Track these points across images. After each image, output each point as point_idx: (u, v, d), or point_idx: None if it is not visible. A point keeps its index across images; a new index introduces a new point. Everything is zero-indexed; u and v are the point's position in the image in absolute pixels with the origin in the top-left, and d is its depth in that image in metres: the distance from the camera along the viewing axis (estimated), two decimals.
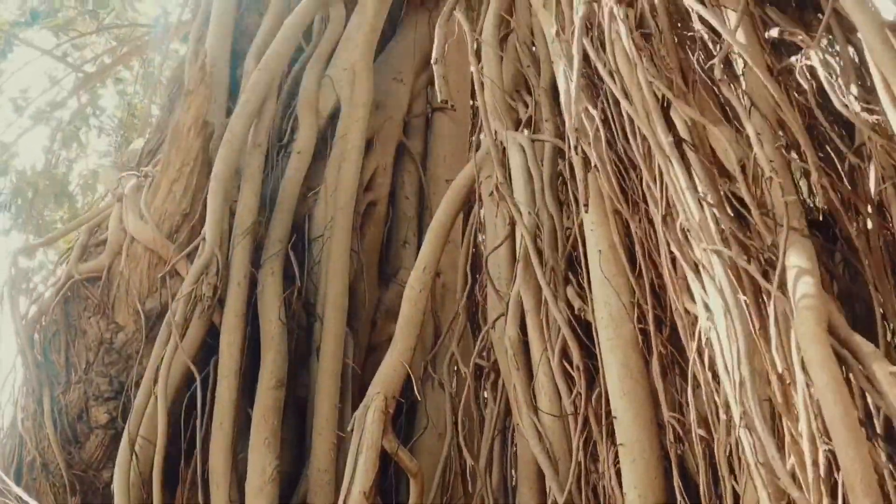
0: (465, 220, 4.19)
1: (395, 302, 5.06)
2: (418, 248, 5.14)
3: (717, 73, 2.24)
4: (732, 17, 2.46)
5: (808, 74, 2.26)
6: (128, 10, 7.50)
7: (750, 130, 2.08)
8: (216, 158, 4.21)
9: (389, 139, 5.21)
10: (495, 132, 3.63)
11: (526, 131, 3.94)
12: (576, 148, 2.92)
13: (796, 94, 2.32)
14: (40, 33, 7.72)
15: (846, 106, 2.06)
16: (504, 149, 3.59)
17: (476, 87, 3.63)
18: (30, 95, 7.82)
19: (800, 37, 2.29)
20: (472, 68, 3.58)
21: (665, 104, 2.50)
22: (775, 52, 2.53)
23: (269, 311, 4.05)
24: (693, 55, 2.52)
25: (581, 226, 3.12)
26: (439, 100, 3.43)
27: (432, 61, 3.40)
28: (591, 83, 2.87)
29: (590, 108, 2.86)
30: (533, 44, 4.19)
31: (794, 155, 2.37)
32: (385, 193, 5.10)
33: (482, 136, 3.87)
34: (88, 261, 4.57)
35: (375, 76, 5.20)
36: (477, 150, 3.92)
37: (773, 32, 2.47)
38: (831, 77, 2.12)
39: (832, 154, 2.27)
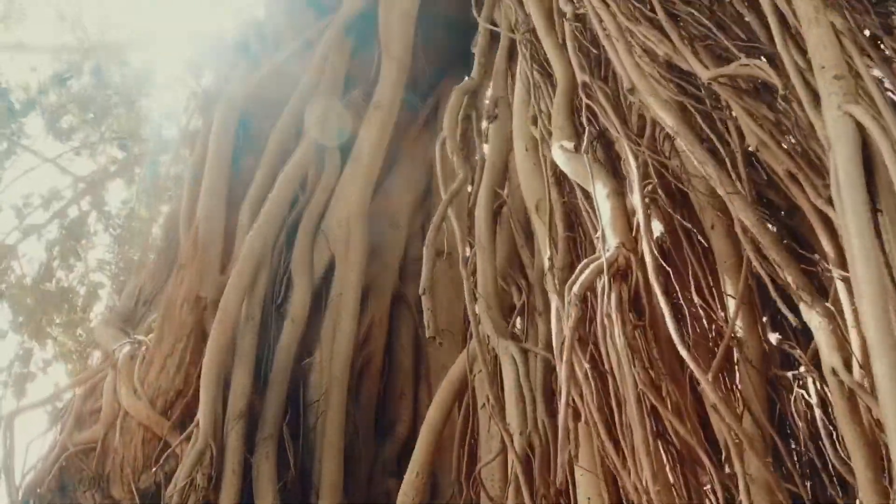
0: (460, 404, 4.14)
1: (392, 456, 5.06)
2: (414, 399, 5.15)
3: (710, 398, 2.21)
4: (731, 291, 2.42)
5: (803, 402, 2.22)
6: (129, 120, 7.54)
7: (738, 470, 2.06)
8: (209, 339, 4.20)
9: (385, 288, 5.19)
10: (487, 337, 3.60)
11: (519, 320, 3.93)
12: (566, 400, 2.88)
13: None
14: (45, 141, 7.79)
15: (842, 461, 2.01)
16: (496, 356, 3.56)
17: (467, 299, 3.59)
18: (32, 202, 7.88)
19: (797, 352, 2.25)
20: (465, 283, 3.55)
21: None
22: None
23: (264, 501, 4.02)
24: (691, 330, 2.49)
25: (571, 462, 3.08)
26: (427, 336, 3.42)
27: (420, 292, 3.37)
28: (584, 321, 2.82)
29: (582, 359, 2.82)
30: (527, 220, 4.16)
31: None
32: (381, 345, 5.08)
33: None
34: (83, 430, 4.57)
35: (370, 222, 5.19)
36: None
37: (772, 339, 2.43)
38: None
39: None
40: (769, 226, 2.19)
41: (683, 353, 2.11)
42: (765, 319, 2.49)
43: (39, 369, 8.08)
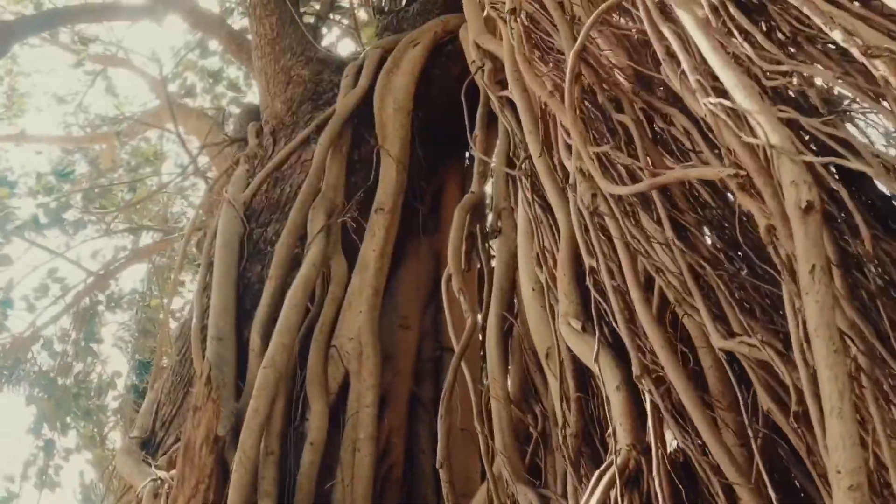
0: None
1: None
2: None
3: None
4: None
5: None
6: (137, 209, 7.59)
7: None
8: (231, 481, 4.20)
9: (401, 394, 5.20)
10: (506, 481, 3.60)
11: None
12: None
13: None
14: (51, 233, 7.84)
15: None
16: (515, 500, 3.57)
17: (481, 444, 3.60)
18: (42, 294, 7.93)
19: None
20: (478, 430, 3.56)
21: None
22: None
23: None
24: None
25: None
26: None
27: (437, 466, 3.39)
28: None
29: None
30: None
31: None
32: (401, 453, 5.08)
33: None
34: None
35: (380, 327, 5.19)
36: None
37: None
38: None
39: None
40: None
41: None
42: None
43: (62, 458, 8.15)
